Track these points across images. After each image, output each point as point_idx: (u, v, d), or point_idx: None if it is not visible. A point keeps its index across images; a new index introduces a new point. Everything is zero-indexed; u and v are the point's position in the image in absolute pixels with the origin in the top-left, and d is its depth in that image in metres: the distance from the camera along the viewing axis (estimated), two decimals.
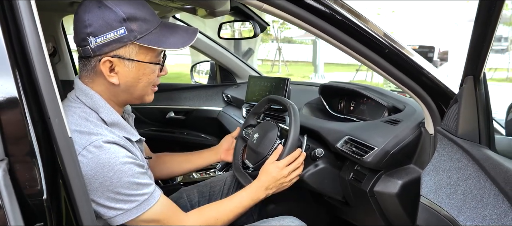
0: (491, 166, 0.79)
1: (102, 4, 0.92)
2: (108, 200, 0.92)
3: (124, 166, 0.92)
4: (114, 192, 0.92)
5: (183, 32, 1.02)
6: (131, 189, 0.94)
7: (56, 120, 0.78)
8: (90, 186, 0.90)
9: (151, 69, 1.01)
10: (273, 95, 1.58)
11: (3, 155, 0.72)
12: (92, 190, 0.90)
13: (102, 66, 0.95)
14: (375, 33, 1.04)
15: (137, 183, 0.95)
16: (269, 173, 1.22)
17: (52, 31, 2.26)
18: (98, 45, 0.92)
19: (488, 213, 0.76)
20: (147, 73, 1.00)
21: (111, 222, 0.95)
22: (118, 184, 0.92)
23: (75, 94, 1.00)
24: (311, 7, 1.00)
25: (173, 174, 1.51)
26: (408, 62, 1.07)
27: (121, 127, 1.01)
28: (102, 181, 0.90)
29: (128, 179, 0.93)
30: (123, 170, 0.92)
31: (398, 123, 1.26)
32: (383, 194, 1.23)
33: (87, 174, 0.89)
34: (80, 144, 0.90)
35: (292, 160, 1.25)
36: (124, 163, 0.93)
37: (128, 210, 0.94)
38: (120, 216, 0.94)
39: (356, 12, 1.06)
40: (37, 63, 0.76)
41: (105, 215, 0.94)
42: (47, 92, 0.77)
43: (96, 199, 0.92)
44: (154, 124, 2.60)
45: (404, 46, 1.08)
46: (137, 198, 0.95)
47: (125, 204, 0.94)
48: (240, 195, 1.19)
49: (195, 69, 2.81)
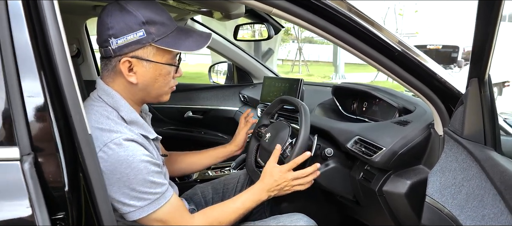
0: (490, 166, 0.81)
1: (123, 8, 0.99)
2: (123, 195, 0.98)
3: (141, 164, 0.98)
4: (130, 188, 0.97)
5: (197, 36, 1.08)
6: (145, 186, 0.99)
7: (77, 117, 0.84)
8: (109, 180, 0.96)
9: (167, 70, 1.06)
10: (285, 96, 1.62)
11: (29, 149, 0.78)
12: (110, 185, 0.96)
13: (121, 66, 1.01)
14: (384, 36, 1.07)
15: (151, 182, 1.00)
16: (272, 176, 1.24)
17: (76, 34, 2.36)
18: (118, 46, 0.99)
19: (487, 213, 0.78)
20: (163, 73, 1.06)
21: (125, 217, 1.01)
22: (134, 180, 0.97)
23: (97, 93, 1.06)
24: (319, 11, 1.04)
25: (183, 172, 1.55)
26: (415, 63, 1.09)
27: (140, 125, 1.07)
28: (120, 177, 0.96)
29: (143, 176, 0.98)
30: (140, 168, 0.97)
31: (408, 124, 1.28)
32: (392, 193, 1.25)
33: (106, 170, 0.95)
34: (101, 141, 0.96)
35: (294, 165, 1.25)
36: (141, 161, 0.98)
37: (140, 207, 1.00)
38: (133, 212, 1.00)
39: (365, 15, 1.09)
40: (60, 64, 0.82)
41: (120, 211, 1.00)
42: (69, 92, 0.83)
43: (113, 194, 0.97)
44: (172, 123, 2.67)
45: (411, 48, 1.10)
46: (149, 197, 1.00)
47: (138, 201, 0.99)
48: (243, 197, 1.21)
49: (213, 69, 2.87)
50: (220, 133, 2.66)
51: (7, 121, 0.78)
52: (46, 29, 0.81)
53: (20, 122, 0.78)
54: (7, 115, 0.78)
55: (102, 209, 0.86)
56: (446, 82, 1.10)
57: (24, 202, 0.75)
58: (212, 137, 2.66)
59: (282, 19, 1.18)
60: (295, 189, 1.26)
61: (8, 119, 0.78)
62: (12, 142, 0.77)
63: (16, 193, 0.76)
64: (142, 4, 1.01)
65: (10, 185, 0.76)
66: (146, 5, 1.02)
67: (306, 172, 1.26)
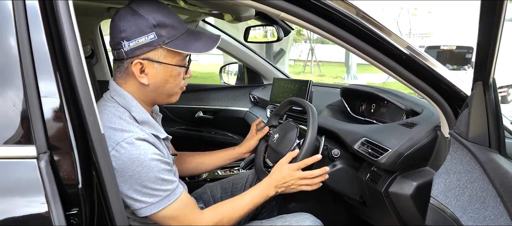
0: (492, 169, 0.82)
1: (135, 12, 1.03)
2: (135, 192, 1.02)
3: (152, 162, 1.01)
4: (141, 185, 1.01)
5: (206, 38, 1.11)
6: (156, 183, 1.02)
7: (90, 118, 0.87)
8: (121, 178, 1.00)
9: (177, 71, 1.10)
10: (293, 97, 1.64)
11: (45, 148, 0.82)
12: (122, 182, 1.00)
13: (133, 67, 1.04)
14: (390, 38, 1.08)
15: (162, 179, 1.03)
16: (281, 172, 1.27)
17: (90, 35, 2.41)
18: (130, 48, 1.02)
19: (488, 214, 0.79)
20: (174, 75, 1.09)
21: (137, 213, 1.05)
22: (145, 178, 1.01)
23: (110, 94, 1.10)
24: (326, 15, 1.06)
25: (192, 172, 1.58)
26: (422, 66, 1.10)
27: (150, 125, 1.11)
28: (132, 174, 1.00)
29: (154, 174, 1.02)
30: (151, 166, 1.01)
31: (414, 126, 1.29)
32: (398, 195, 1.27)
33: (119, 167, 0.99)
34: (114, 140, 1.00)
35: (304, 166, 1.28)
36: (152, 159, 1.02)
37: (151, 203, 1.03)
38: (144, 209, 1.03)
39: (372, 19, 1.10)
40: (75, 66, 0.86)
41: (132, 207, 1.03)
42: (84, 93, 0.87)
43: (125, 191, 1.01)
44: (183, 123, 2.71)
45: (419, 51, 1.12)
46: (160, 193, 1.04)
47: (149, 197, 1.03)
48: (252, 193, 1.24)
49: (224, 70, 2.90)
50: (230, 133, 2.69)
51: (25, 120, 0.82)
52: (61, 30, 0.84)
53: (37, 121, 0.82)
54: (25, 114, 0.82)
55: (113, 206, 0.90)
56: (455, 86, 1.11)
57: (40, 199, 0.78)
58: (222, 137, 2.70)
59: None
60: (301, 189, 1.28)
61: (26, 118, 0.82)
62: (30, 140, 0.81)
63: (33, 189, 0.79)
64: (153, 8, 1.04)
65: (27, 182, 0.80)
66: (157, 8, 1.05)
67: (314, 173, 1.28)
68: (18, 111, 0.82)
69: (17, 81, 0.82)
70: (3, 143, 0.82)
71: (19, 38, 0.82)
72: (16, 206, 0.79)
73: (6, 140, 0.82)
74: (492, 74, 0.93)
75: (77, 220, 0.84)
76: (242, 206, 1.21)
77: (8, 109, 0.82)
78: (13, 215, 0.79)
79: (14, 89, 0.82)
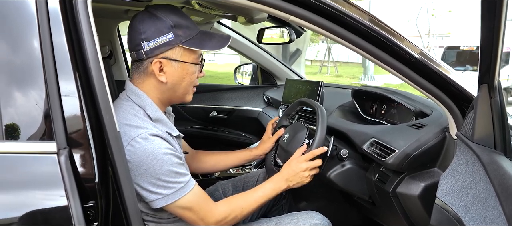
0: (493, 170, 0.83)
1: (153, 15, 1.10)
2: (150, 184, 1.07)
3: (165, 156, 1.07)
4: (156, 178, 1.07)
5: (218, 38, 1.19)
6: (170, 176, 1.08)
7: (107, 116, 0.93)
8: (137, 171, 1.05)
9: (192, 69, 1.17)
10: (304, 98, 1.67)
11: (65, 144, 0.88)
12: (138, 175, 1.06)
13: (153, 66, 1.11)
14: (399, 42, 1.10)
15: (175, 172, 1.09)
16: (290, 166, 1.32)
17: (109, 36, 2.49)
18: (150, 48, 1.10)
19: (488, 214, 0.81)
20: (190, 73, 1.17)
21: (152, 205, 1.10)
22: (159, 171, 1.06)
23: (126, 93, 1.17)
24: (334, 17, 1.08)
25: (208, 171, 1.64)
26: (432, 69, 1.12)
27: (164, 123, 1.16)
28: (146, 168, 1.05)
29: (168, 167, 1.07)
30: (164, 160, 1.07)
31: (422, 127, 1.30)
32: (405, 195, 1.28)
33: (134, 161, 1.04)
34: (129, 136, 1.06)
35: (312, 157, 1.32)
36: (165, 153, 1.07)
37: (166, 195, 1.08)
38: (159, 200, 1.08)
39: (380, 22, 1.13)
40: (93, 68, 0.92)
41: (147, 198, 1.09)
42: (101, 93, 0.92)
43: (140, 183, 1.07)
44: (197, 122, 2.77)
45: (423, 51, 1.14)
46: (174, 185, 1.09)
47: (164, 189, 1.08)
48: (264, 187, 1.29)
49: (239, 70, 2.94)
50: (244, 133, 2.73)
51: (46, 118, 0.88)
52: (81, 32, 0.90)
53: (57, 119, 0.87)
54: (47, 112, 0.87)
55: (128, 200, 0.95)
56: (462, 88, 1.13)
57: (60, 192, 0.84)
58: (236, 137, 2.74)
59: None
60: (312, 176, 1.33)
61: (47, 116, 0.87)
62: (50, 137, 0.87)
63: (53, 183, 0.85)
64: (169, 11, 1.12)
65: (48, 176, 0.86)
66: (173, 11, 1.13)
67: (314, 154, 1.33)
68: (40, 110, 0.88)
69: (40, 82, 0.88)
70: (26, 139, 0.88)
71: (42, 40, 0.88)
72: (37, 198, 0.85)
73: (29, 136, 0.88)
74: (496, 77, 0.94)
75: (94, 212, 0.89)
76: (255, 199, 1.26)
77: (31, 108, 0.88)
78: (34, 206, 0.85)
79: (37, 89, 0.88)
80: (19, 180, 0.87)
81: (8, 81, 0.88)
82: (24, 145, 0.87)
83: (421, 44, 2.45)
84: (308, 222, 1.31)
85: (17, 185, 0.86)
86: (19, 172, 0.87)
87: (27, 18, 0.88)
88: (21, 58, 0.90)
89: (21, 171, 0.87)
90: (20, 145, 0.87)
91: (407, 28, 14.68)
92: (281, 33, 2.12)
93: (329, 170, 1.45)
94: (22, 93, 0.88)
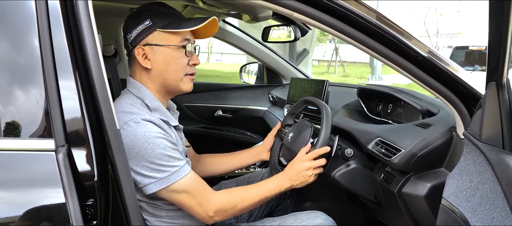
0: (500, 170, 0.81)
1: (135, 10, 1.19)
2: (143, 168, 1.07)
3: (157, 140, 1.07)
4: (148, 161, 1.06)
5: (198, 19, 1.19)
6: (163, 160, 1.07)
7: (107, 114, 0.92)
8: (128, 155, 1.04)
9: (176, 54, 1.17)
10: (308, 97, 1.65)
11: (63, 141, 0.87)
12: (130, 159, 1.05)
13: (137, 54, 1.15)
14: (406, 39, 1.08)
15: (169, 156, 1.09)
16: (293, 166, 1.30)
17: (114, 35, 2.48)
18: (132, 38, 1.16)
19: (496, 215, 0.79)
20: (174, 57, 1.17)
21: (146, 190, 1.09)
22: (151, 154, 1.06)
23: (127, 88, 1.20)
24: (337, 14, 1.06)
25: (214, 174, 1.61)
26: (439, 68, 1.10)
27: (162, 112, 1.18)
28: (138, 151, 1.06)
29: (160, 151, 1.07)
30: (156, 143, 1.07)
31: (429, 127, 1.28)
32: (411, 195, 1.26)
33: (126, 145, 1.04)
34: (122, 120, 1.08)
35: (315, 156, 1.30)
36: (157, 137, 1.08)
37: (160, 178, 1.08)
38: (153, 184, 1.08)
39: (385, 18, 1.10)
40: (94, 66, 0.91)
41: (141, 183, 1.08)
42: (101, 91, 0.91)
43: (133, 167, 1.06)
44: (203, 121, 2.76)
45: (431, 49, 1.11)
46: (168, 169, 1.08)
47: (157, 173, 1.07)
48: (267, 183, 1.28)
49: (244, 69, 2.93)
50: (249, 132, 2.72)
51: (45, 115, 0.87)
52: (81, 30, 0.90)
53: (56, 117, 0.87)
54: (45, 110, 0.87)
55: (128, 199, 0.94)
56: (473, 88, 1.10)
57: (57, 190, 0.83)
58: (241, 136, 2.73)
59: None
60: (316, 175, 1.31)
61: (46, 113, 0.87)
62: (49, 134, 0.86)
63: (51, 181, 0.84)
64: (151, 3, 1.18)
65: (46, 173, 0.85)
66: (156, 3, 1.19)
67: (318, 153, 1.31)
68: (39, 107, 0.87)
69: (39, 80, 0.87)
70: (24, 136, 0.87)
71: (41, 39, 0.87)
72: (35, 196, 0.84)
73: (27, 134, 0.87)
74: (505, 75, 0.92)
75: (92, 211, 0.88)
76: (257, 193, 1.24)
77: (30, 105, 0.87)
78: (32, 204, 0.84)
79: (37, 87, 0.87)
80: (16, 178, 0.86)
81: (7, 79, 0.88)
82: (22, 142, 0.86)
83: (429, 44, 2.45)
84: (312, 222, 1.29)
85: (14, 182, 0.85)
86: (16, 170, 0.86)
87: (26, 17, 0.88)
88: (21, 56, 0.89)
89: (18, 168, 0.86)
90: (18, 142, 0.86)
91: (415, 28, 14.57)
92: (287, 31, 2.10)
93: (334, 169, 1.43)
94: (21, 90, 0.88)
